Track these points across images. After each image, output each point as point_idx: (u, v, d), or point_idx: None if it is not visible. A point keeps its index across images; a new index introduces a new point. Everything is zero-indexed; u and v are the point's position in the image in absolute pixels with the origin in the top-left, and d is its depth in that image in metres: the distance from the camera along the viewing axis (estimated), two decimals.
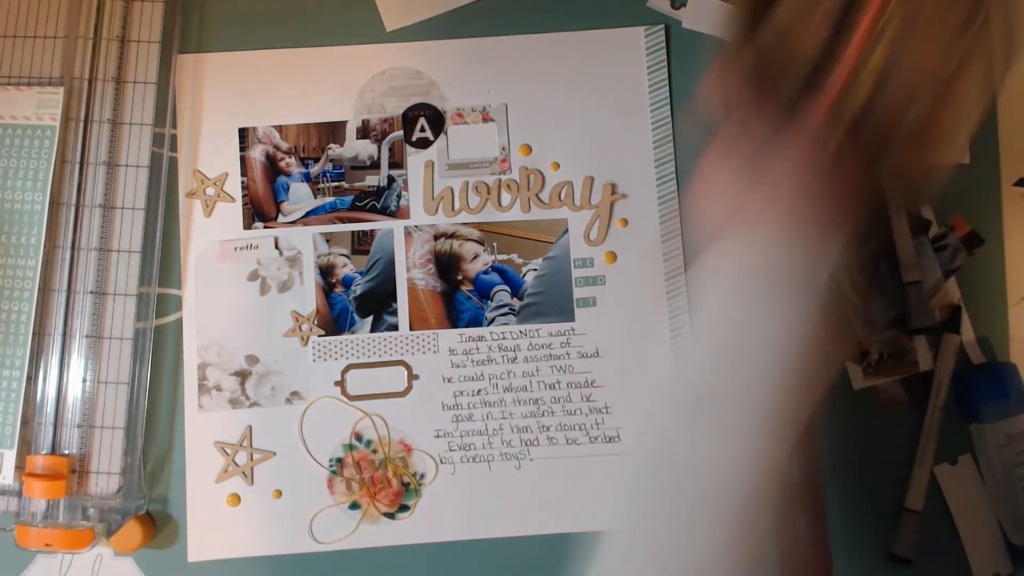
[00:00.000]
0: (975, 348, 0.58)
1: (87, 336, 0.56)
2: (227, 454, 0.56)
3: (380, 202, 0.58)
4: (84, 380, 0.55)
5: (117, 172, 0.57)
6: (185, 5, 0.59)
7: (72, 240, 0.56)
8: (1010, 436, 0.55)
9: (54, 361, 0.55)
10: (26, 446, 0.55)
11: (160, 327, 0.57)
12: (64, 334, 0.56)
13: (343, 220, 0.58)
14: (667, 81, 0.59)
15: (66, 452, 0.55)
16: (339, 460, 0.56)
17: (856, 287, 0.58)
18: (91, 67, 0.58)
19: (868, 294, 0.58)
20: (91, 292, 0.56)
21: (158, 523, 0.56)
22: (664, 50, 0.59)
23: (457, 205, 0.58)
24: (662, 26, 0.59)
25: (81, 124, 0.57)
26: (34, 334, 0.55)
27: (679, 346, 0.57)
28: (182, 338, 0.57)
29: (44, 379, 0.55)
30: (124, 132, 0.58)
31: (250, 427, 0.56)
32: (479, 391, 0.57)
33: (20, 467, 0.54)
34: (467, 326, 0.57)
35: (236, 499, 0.56)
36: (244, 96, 0.59)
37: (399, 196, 0.58)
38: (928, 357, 0.58)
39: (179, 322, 0.57)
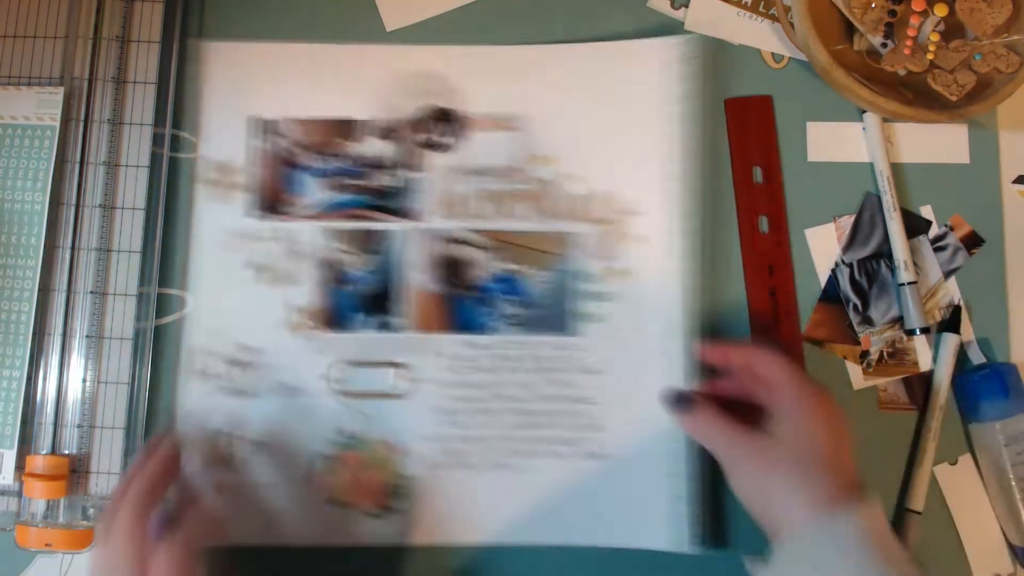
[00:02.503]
0: (975, 348, 0.58)
1: (87, 336, 0.56)
2: (216, 442, 0.56)
3: (392, 202, 0.58)
4: (84, 380, 0.55)
5: (117, 172, 0.57)
6: (185, 5, 0.59)
7: (72, 240, 0.56)
8: (1010, 436, 0.55)
9: (54, 361, 0.55)
10: (26, 446, 0.55)
11: (160, 327, 0.57)
12: (64, 334, 0.56)
13: (352, 217, 0.58)
14: (695, 96, 0.58)
15: (66, 452, 0.55)
16: (328, 457, 0.56)
17: (856, 287, 0.58)
18: (91, 67, 0.58)
19: (868, 294, 0.58)
20: (91, 292, 0.56)
21: None
22: (693, 64, 0.58)
23: (470, 211, 0.58)
24: (693, 38, 0.58)
25: (81, 124, 0.57)
26: (34, 334, 0.55)
27: (689, 366, 0.56)
28: (182, 338, 0.57)
29: (44, 379, 0.55)
30: (124, 132, 0.58)
31: (241, 417, 0.56)
32: (475, 398, 0.56)
33: (20, 467, 0.54)
34: (469, 333, 0.57)
35: (223, 489, 0.55)
36: (263, 87, 0.58)
37: (412, 198, 0.58)
38: (928, 357, 0.58)
39: (179, 322, 0.57)
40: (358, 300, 0.57)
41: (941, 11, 0.56)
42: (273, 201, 0.58)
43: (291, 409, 0.56)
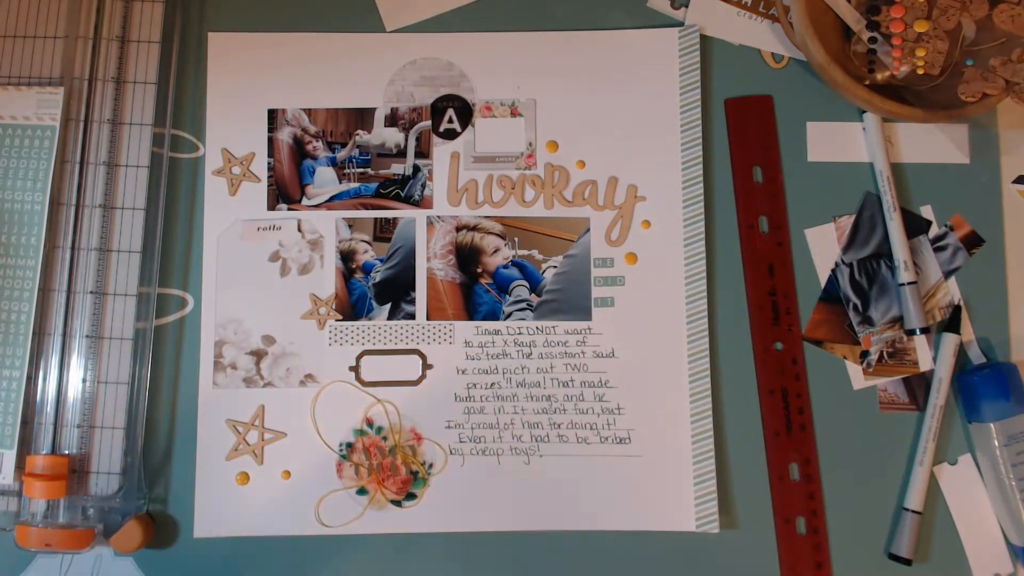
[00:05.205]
0: (975, 348, 0.58)
1: (87, 336, 0.56)
2: (239, 432, 0.56)
3: (404, 190, 0.59)
4: (84, 380, 0.55)
5: (117, 172, 0.57)
6: (185, 5, 0.59)
7: (72, 240, 0.56)
8: (1010, 436, 0.55)
9: (54, 361, 0.55)
10: (26, 446, 0.55)
11: (160, 327, 0.57)
12: (64, 334, 0.56)
13: (366, 206, 0.58)
14: (699, 84, 0.59)
15: (66, 452, 0.55)
16: (349, 445, 0.57)
17: (856, 287, 0.58)
18: (91, 67, 0.58)
19: (868, 294, 0.58)
20: (91, 292, 0.56)
21: (160, 518, 0.56)
22: (697, 53, 0.59)
23: (481, 198, 0.58)
24: (696, 28, 0.59)
25: (81, 124, 0.57)
26: (34, 334, 0.55)
27: (695, 350, 0.57)
28: (183, 337, 0.57)
29: (44, 379, 0.55)
30: (124, 132, 0.58)
31: (263, 407, 0.57)
32: (492, 384, 0.57)
33: (20, 467, 0.54)
34: (484, 319, 0.57)
35: (245, 477, 0.56)
36: (275, 77, 0.59)
37: (423, 186, 0.59)
38: (928, 357, 0.58)
39: (179, 322, 0.57)
40: (374, 289, 0.58)
41: (921, 27, 0.56)
42: (287, 191, 0.58)
43: (313, 398, 0.57)
